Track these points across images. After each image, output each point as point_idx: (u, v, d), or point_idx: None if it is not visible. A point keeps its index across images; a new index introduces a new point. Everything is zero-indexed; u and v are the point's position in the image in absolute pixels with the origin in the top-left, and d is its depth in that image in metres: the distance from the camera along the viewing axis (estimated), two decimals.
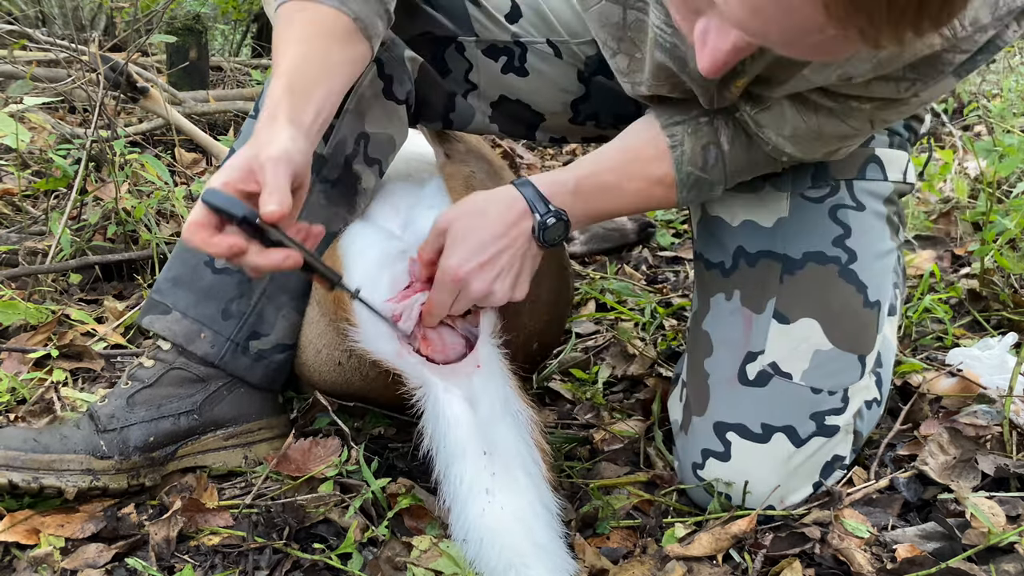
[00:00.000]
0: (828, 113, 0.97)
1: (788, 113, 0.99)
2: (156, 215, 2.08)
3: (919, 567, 0.93)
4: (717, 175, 1.06)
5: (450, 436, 0.99)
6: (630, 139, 1.09)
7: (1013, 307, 1.59)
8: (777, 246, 1.11)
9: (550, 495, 1.00)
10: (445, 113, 1.28)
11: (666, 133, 1.05)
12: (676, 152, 1.05)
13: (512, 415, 1.02)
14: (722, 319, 1.13)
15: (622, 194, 1.07)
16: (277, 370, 1.23)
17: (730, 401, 1.09)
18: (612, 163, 1.07)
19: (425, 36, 1.22)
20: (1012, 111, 2.49)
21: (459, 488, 0.97)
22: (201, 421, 1.20)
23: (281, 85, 0.93)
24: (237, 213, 0.83)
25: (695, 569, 0.97)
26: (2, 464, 1.07)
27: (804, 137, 1.01)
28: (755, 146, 1.05)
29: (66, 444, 1.11)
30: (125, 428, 1.15)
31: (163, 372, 1.19)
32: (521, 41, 1.25)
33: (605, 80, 1.26)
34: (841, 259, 1.10)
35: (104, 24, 4.13)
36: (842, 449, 1.10)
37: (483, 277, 1.00)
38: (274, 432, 1.25)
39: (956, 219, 2.09)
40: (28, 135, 1.80)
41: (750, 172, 1.09)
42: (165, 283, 1.21)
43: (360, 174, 1.19)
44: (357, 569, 1.00)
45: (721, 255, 1.16)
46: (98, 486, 1.12)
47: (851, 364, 1.09)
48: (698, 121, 1.05)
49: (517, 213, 1.02)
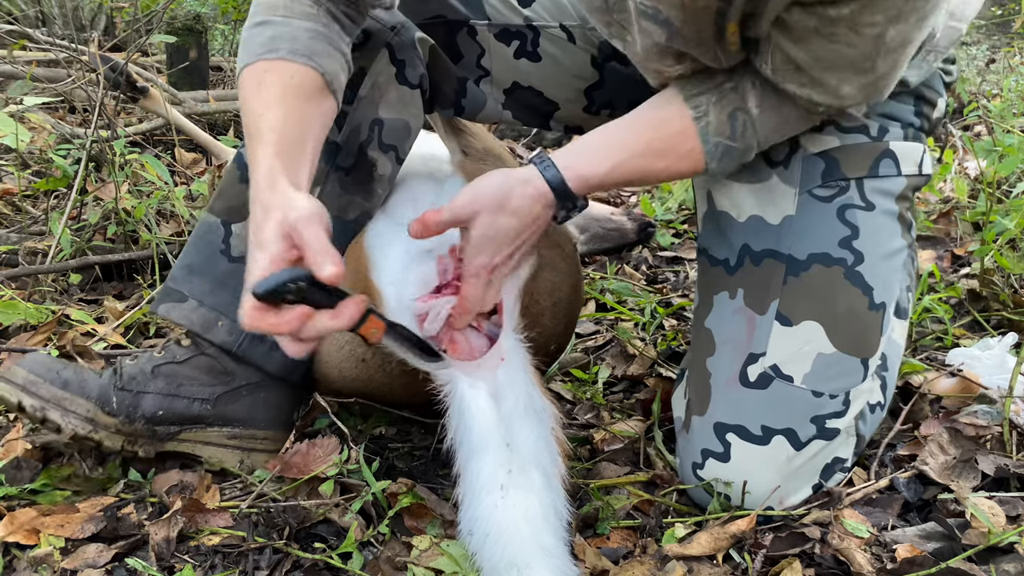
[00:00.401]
0: (816, 35, 0.91)
1: (788, 50, 0.94)
2: (156, 215, 2.08)
3: (919, 567, 0.92)
4: (749, 140, 1.03)
5: (474, 430, 0.99)
6: (653, 113, 1.05)
7: (1013, 307, 1.59)
8: (782, 246, 1.10)
9: (563, 499, 1.00)
10: (457, 99, 1.27)
11: (690, 105, 1.02)
12: (701, 123, 1.02)
13: (535, 412, 1.02)
14: (725, 318, 1.13)
15: (647, 175, 1.05)
16: (294, 359, 1.22)
17: (730, 402, 1.09)
18: (638, 145, 1.03)
19: (437, 20, 1.21)
20: (1012, 111, 2.49)
21: (475, 482, 0.97)
22: (212, 413, 1.20)
23: (270, 151, 0.92)
24: (293, 282, 0.80)
25: (695, 569, 0.98)
26: (21, 384, 1.12)
27: (818, 72, 0.95)
28: (786, 103, 1.01)
29: (83, 387, 1.15)
30: (140, 394, 1.17)
31: (194, 355, 1.21)
32: (534, 25, 1.24)
33: (620, 67, 1.25)
34: (847, 261, 1.09)
35: (104, 24, 4.13)
36: (843, 452, 1.10)
37: (510, 264, 1.03)
38: (276, 446, 1.25)
39: (956, 219, 2.09)
40: (28, 135, 1.80)
41: (784, 132, 1.05)
42: (180, 271, 1.22)
43: (375, 160, 1.19)
44: (357, 569, 1.00)
45: (727, 252, 1.15)
46: (93, 438, 1.14)
47: (853, 367, 1.08)
48: (722, 88, 1.02)
49: (543, 207, 1.01)
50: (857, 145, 1.11)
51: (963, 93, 3.26)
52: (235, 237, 1.20)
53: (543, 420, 1.02)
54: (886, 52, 0.91)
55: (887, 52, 0.91)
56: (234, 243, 1.20)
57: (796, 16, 0.90)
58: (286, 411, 1.26)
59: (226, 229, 1.21)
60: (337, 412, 1.24)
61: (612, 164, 1.02)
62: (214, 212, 1.22)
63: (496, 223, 1.00)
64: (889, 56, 0.92)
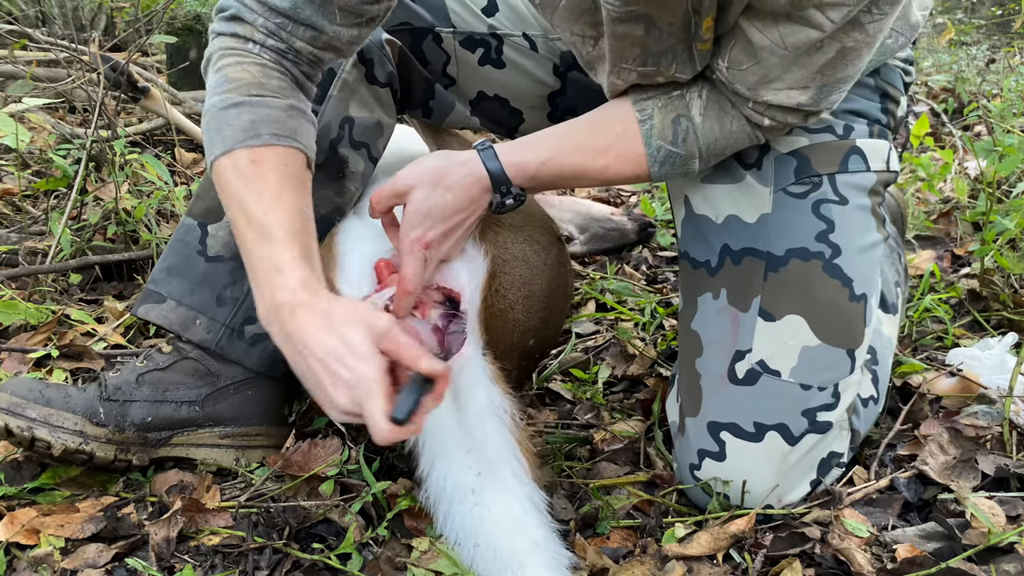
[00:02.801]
0: (786, 19, 0.92)
1: (753, 36, 0.95)
2: (156, 215, 2.08)
3: (919, 567, 0.93)
4: (691, 148, 1.05)
5: (436, 433, 0.99)
6: (599, 114, 1.09)
7: (1013, 307, 1.59)
8: (760, 243, 1.11)
9: (537, 491, 1.00)
10: (425, 100, 1.29)
11: (636, 108, 1.05)
12: (645, 126, 1.05)
13: (497, 413, 1.02)
14: (710, 318, 1.13)
15: (587, 172, 1.07)
16: (275, 354, 1.22)
17: (722, 400, 1.09)
18: (578, 140, 1.07)
19: (403, 27, 1.23)
20: (1012, 111, 2.49)
21: (443, 487, 0.98)
22: (201, 414, 1.20)
23: (295, 254, 0.93)
24: (421, 395, 0.87)
25: (695, 569, 0.98)
26: (5, 408, 1.11)
27: (776, 64, 0.96)
28: (729, 116, 1.04)
29: (67, 402, 1.14)
30: (127, 403, 1.17)
31: (177, 359, 1.21)
32: (498, 33, 1.26)
33: (581, 76, 1.27)
34: (825, 254, 1.09)
35: (104, 24, 4.13)
36: (838, 446, 1.10)
37: (447, 243, 1.05)
38: (271, 441, 1.25)
39: (956, 219, 2.09)
40: (28, 135, 1.80)
41: (727, 145, 1.07)
42: (160, 274, 1.23)
43: (347, 157, 1.20)
44: (357, 569, 1.00)
45: (707, 254, 1.15)
46: (85, 450, 1.13)
47: (840, 359, 1.09)
48: (670, 95, 1.05)
49: (479, 189, 1.05)
50: (825, 143, 1.13)
51: (963, 93, 3.26)
52: (211, 238, 1.22)
53: (504, 420, 1.02)
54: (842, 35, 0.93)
55: (853, 39, 0.93)
56: (210, 243, 1.22)
57: (769, 1, 0.91)
58: (276, 406, 1.26)
59: (203, 230, 1.22)
60: None
61: (549, 155, 1.06)
62: (192, 215, 1.24)
63: (431, 198, 1.03)
64: (850, 44, 0.94)
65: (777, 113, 1.02)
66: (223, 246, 1.21)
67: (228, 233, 1.21)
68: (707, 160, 1.08)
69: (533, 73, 1.28)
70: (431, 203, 1.03)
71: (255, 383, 1.23)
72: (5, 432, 1.11)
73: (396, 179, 1.05)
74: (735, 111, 1.04)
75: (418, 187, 1.03)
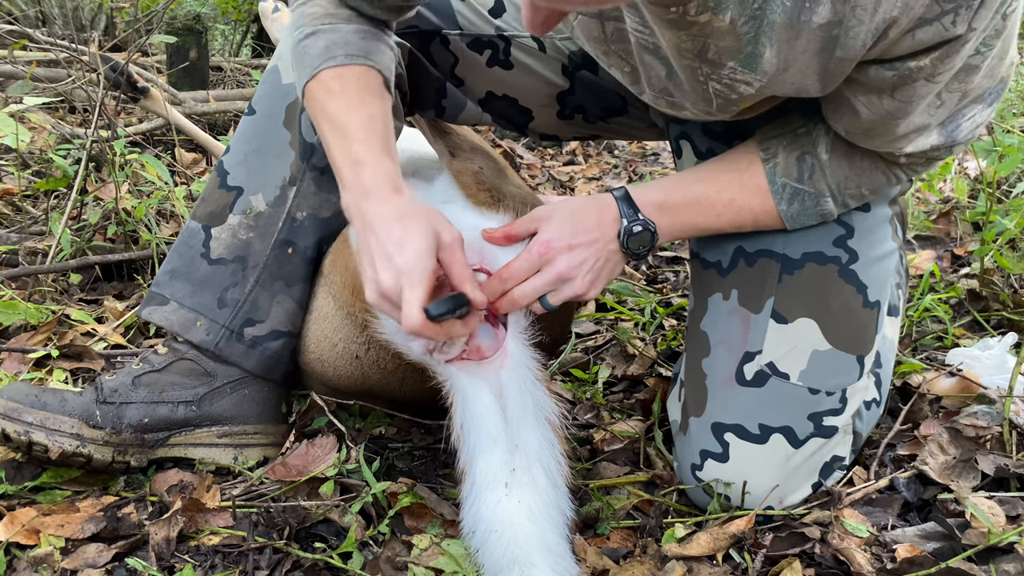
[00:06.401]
0: (890, 94, 0.90)
1: (860, 109, 0.94)
2: (156, 215, 2.08)
3: (919, 567, 0.92)
4: (818, 185, 1.05)
5: (480, 429, 0.99)
6: (726, 154, 1.11)
7: (1013, 307, 1.59)
8: (777, 246, 1.11)
9: (567, 499, 1.00)
10: (438, 100, 1.29)
11: (761, 147, 1.07)
12: (769, 164, 1.06)
13: (539, 413, 1.02)
14: (720, 319, 1.13)
15: (713, 205, 1.07)
16: (273, 358, 1.23)
17: (728, 402, 1.09)
18: (702, 174, 1.10)
19: (410, 30, 1.24)
20: (1012, 111, 2.49)
21: (480, 479, 0.98)
22: (198, 414, 1.20)
23: (375, 147, 0.99)
24: (459, 307, 0.92)
25: (695, 569, 0.98)
26: (1, 412, 1.11)
27: (898, 126, 0.94)
28: (859, 153, 1.03)
29: (64, 406, 1.14)
30: (123, 404, 1.17)
31: (173, 360, 1.22)
32: (505, 35, 1.26)
33: (590, 75, 1.27)
34: (841, 259, 1.10)
35: (104, 24, 4.14)
36: (841, 450, 1.10)
37: (570, 259, 1.03)
38: (269, 439, 1.25)
39: (956, 219, 2.09)
40: (28, 135, 1.80)
41: (860, 183, 1.06)
42: (163, 276, 1.24)
43: None
44: (357, 569, 1.00)
45: (719, 254, 1.15)
46: (83, 453, 1.13)
47: (849, 365, 1.09)
48: (795, 133, 1.06)
49: (610, 217, 1.06)
50: None
51: None
52: (214, 240, 1.23)
53: (548, 422, 1.02)
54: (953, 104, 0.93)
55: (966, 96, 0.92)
56: (213, 246, 1.22)
57: (874, 74, 0.88)
58: (274, 405, 1.27)
59: (206, 234, 1.23)
60: (336, 411, 1.24)
61: (675, 184, 1.09)
62: (196, 218, 1.25)
63: (568, 215, 1.05)
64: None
65: (915, 158, 1.02)
66: (226, 249, 1.22)
67: (230, 236, 1.22)
68: (842, 200, 1.07)
69: (541, 73, 1.28)
70: (567, 217, 1.05)
71: (252, 382, 1.24)
72: (2, 437, 1.11)
73: (536, 209, 1.08)
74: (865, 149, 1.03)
75: (557, 210, 1.06)
